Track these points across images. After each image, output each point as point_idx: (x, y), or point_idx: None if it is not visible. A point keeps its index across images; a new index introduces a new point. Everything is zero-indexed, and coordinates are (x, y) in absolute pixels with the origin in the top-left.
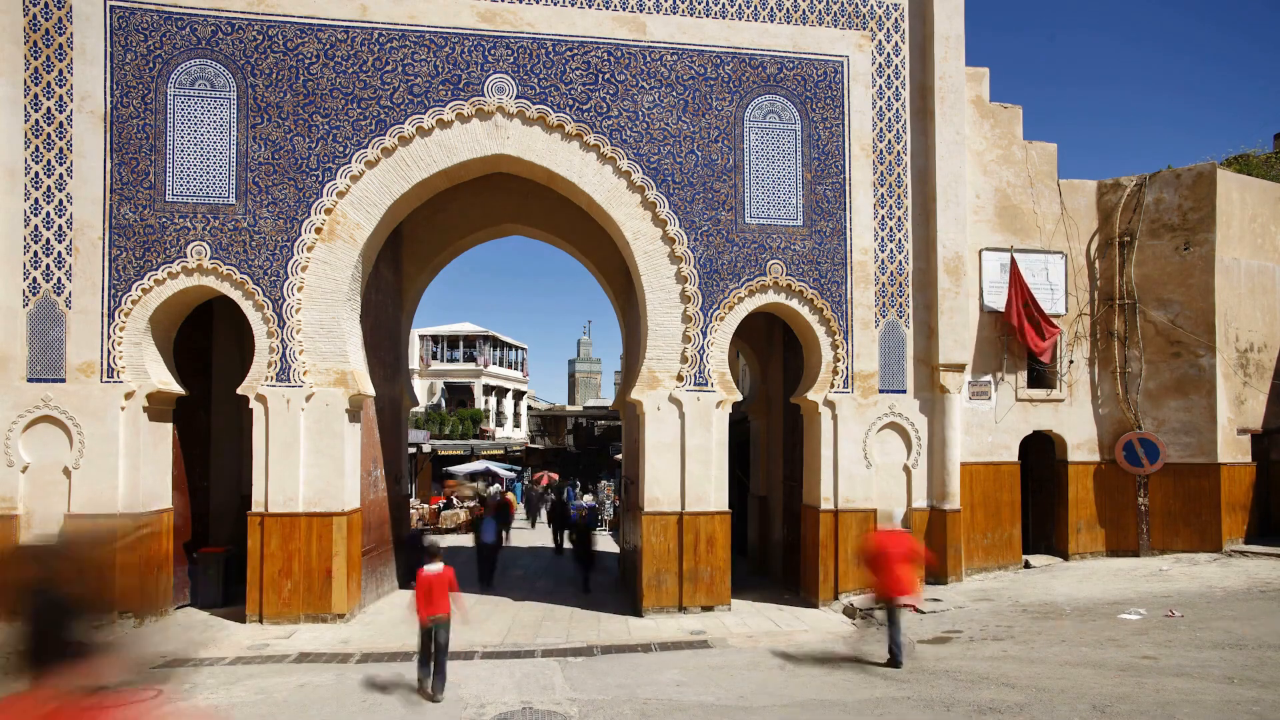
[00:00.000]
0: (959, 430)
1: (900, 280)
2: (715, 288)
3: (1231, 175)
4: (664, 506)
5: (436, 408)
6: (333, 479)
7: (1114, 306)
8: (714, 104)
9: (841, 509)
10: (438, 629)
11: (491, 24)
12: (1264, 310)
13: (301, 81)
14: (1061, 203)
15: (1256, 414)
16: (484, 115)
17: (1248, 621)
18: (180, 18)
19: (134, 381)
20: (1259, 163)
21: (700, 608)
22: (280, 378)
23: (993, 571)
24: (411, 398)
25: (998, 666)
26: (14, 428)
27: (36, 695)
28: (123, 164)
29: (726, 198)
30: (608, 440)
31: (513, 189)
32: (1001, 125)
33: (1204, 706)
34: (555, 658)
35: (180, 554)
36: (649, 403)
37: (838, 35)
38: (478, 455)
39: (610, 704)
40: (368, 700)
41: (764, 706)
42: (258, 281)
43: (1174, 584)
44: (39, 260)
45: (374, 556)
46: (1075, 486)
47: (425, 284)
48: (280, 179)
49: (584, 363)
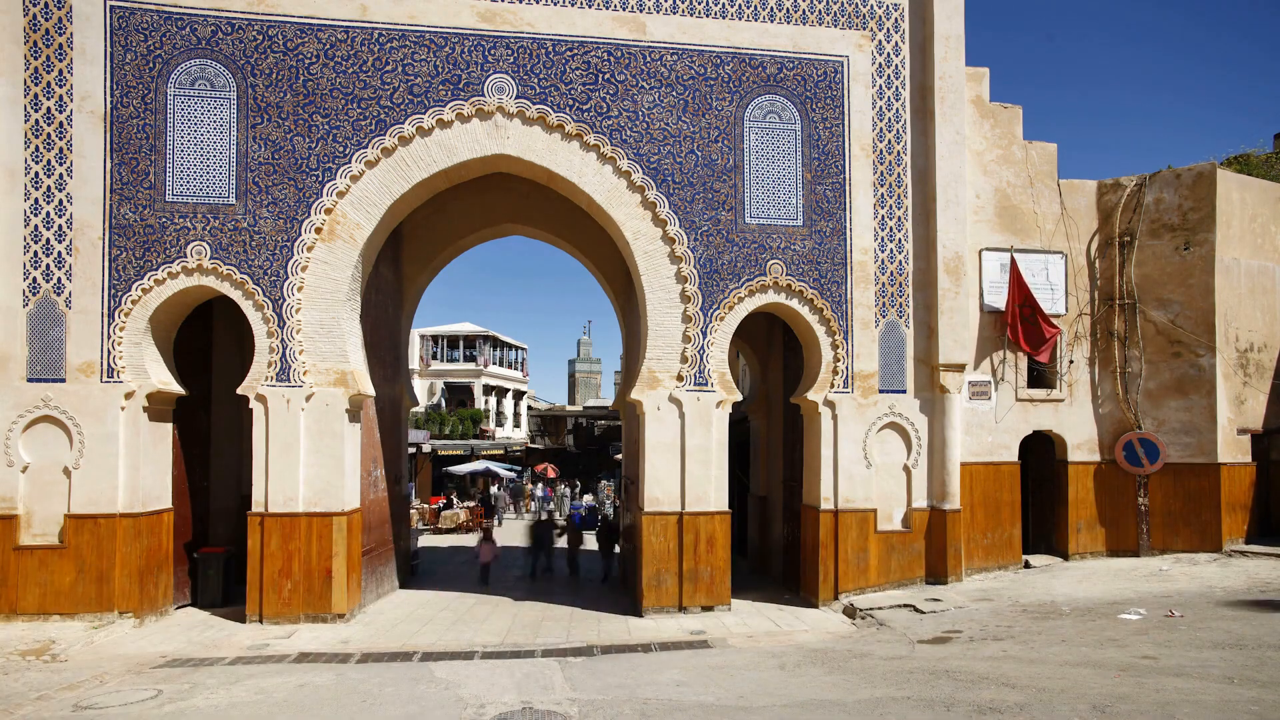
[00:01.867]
0: (959, 430)
1: (900, 280)
2: (715, 288)
3: (1231, 175)
4: (664, 506)
5: (436, 408)
6: (333, 479)
7: (1114, 306)
8: (714, 104)
9: (841, 509)
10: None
11: (491, 24)
12: (1264, 310)
13: (301, 81)
14: (1061, 203)
15: (1256, 414)
16: (484, 115)
17: (1248, 622)
18: (180, 18)
19: (134, 381)
20: (1259, 163)
21: (700, 608)
22: (280, 378)
23: (993, 571)
24: (411, 398)
25: (998, 666)
26: (14, 428)
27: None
28: (123, 164)
29: (726, 198)
30: (608, 440)
31: (513, 189)
32: (1001, 125)
33: (1204, 706)
34: (555, 658)
35: (180, 554)
36: (649, 403)
37: (838, 35)
38: (478, 455)
39: (610, 704)
40: (368, 700)
41: (764, 706)
42: (258, 281)
43: (1174, 584)
44: (39, 260)
45: (374, 556)
46: (1075, 486)
47: (425, 284)
48: (280, 179)
49: (584, 363)
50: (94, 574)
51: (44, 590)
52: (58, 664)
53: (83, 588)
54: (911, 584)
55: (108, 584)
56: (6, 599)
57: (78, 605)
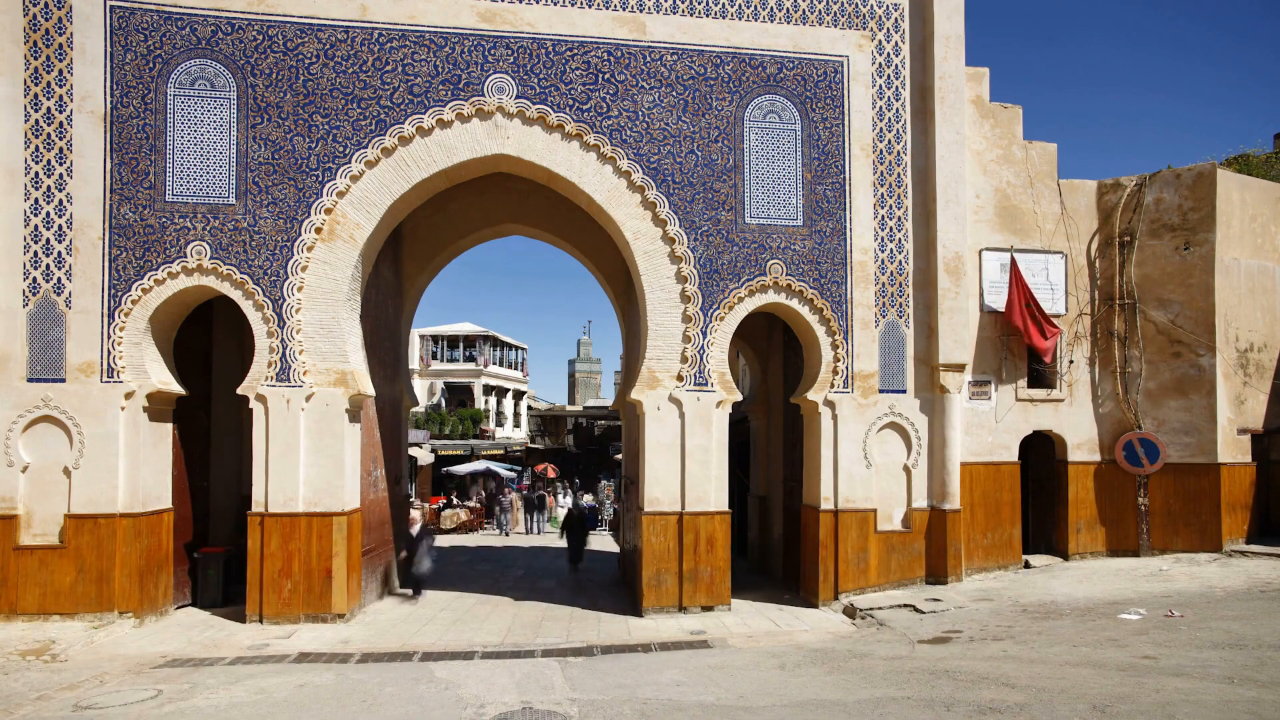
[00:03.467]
0: (959, 430)
1: (900, 280)
2: (715, 288)
3: (1231, 175)
4: (664, 506)
5: (436, 408)
6: (333, 479)
7: (1114, 306)
8: (714, 104)
9: (841, 509)
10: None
11: (491, 24)
12: (1264, 310)
13: (301, 81)
14: (1061, 203)
15: (1257, 414)
16: (484, 115)
17: (1248, 621)
18: (180, 18)
19: (134, 381)
20: (1259, 163)
21: (700, 608)
22: (280, 378)
23: (993, 571)
24: (411, 398)
25: (998, 666)
26: (14, 428)
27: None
28: (123, 164)
29: (726, 198)
30: (608, 440)
31: (513, 189)
32: (1001, 125)
33: (1204, 706)
34: (555, 657)
35: (181, 554)
36: (649, 403)
37: (838, 35)
38: (478, 455)
39: (610, 704)
40: (368, 700)
41: (764, 706)
42: (258, 281)
43: (1174, 584)
44: (39, 260)
45: (374, 556)
46: (1075, 486)
47: (425, 284)
48: (280, 179)
49: (584, 363)
50: (94, 574)
51: (44, 590)
52: (58, 664)
53: (83, 588)
54: (911, 584)
55: (108, 584)
56: (6, 599)
57: (78, 605)
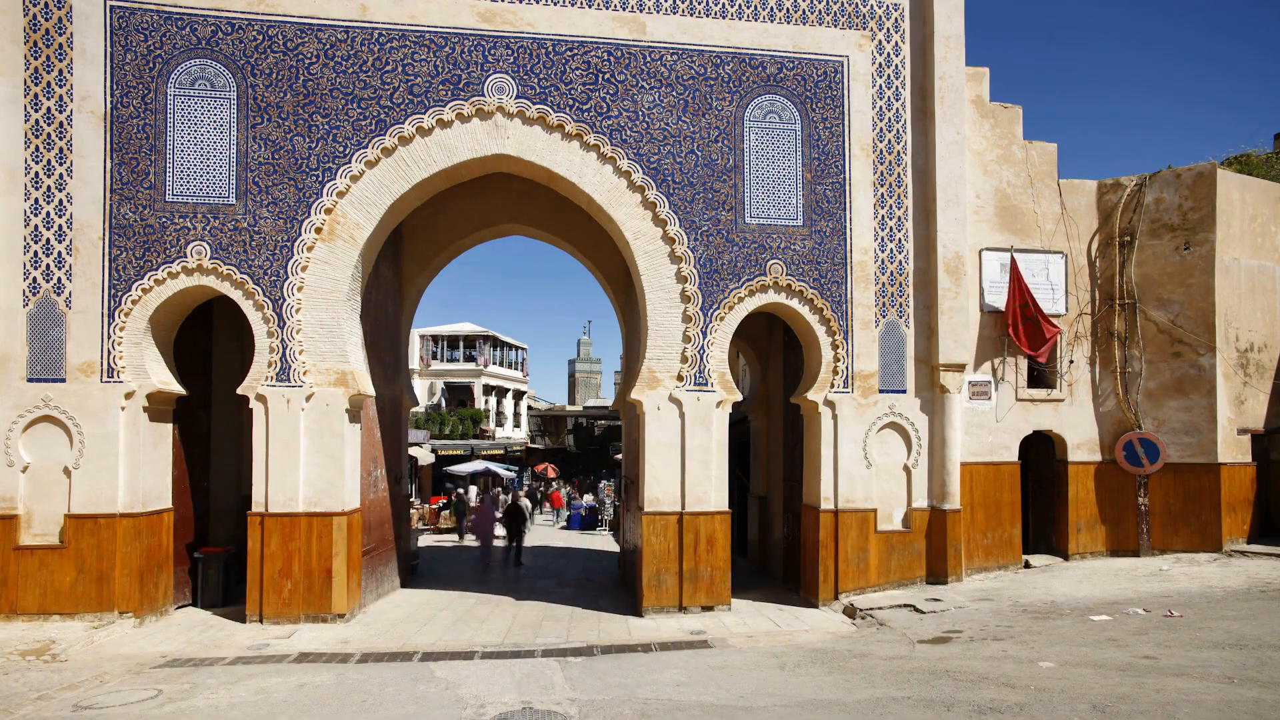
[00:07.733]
0: (959, 430)
1: (900, 280)
2: (715, 288)
3: (1231, 175)
4: (664, 506)
5: (436, 408)
6: (333, 479)
7: (1114, 306)
8: (714, 104)
9: (841, 509)
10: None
11: (491, 24)
12: (1264, 310)
13: (301, 81)
14: (1062, 202)
15: (1257, 414)
16: (484, 115)
17: (1248, 621)
18: (180, 18)
19: (134, 381)
20: (1259, 163)
21: (700, 608)
22: (280, 378)
23: (993, 571)
24: (411, 398)
25: (998, 666)
26: (14, 428)
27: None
28: (123, 164)
29: (726, 198)
30: (608, 440)
31: (513, 189)
32: (1001, 125)
33: (1204, 706)
34: (555, 657)
35: (181, 554)
36: (649, 403)
37: (838, 35)
38: (478, 455)
39: (610, 704)
40: (368, 700)
41: (764, 706)
42: (258, 281)
43: (1174, 584)
44: (39, 260)
45: (374, 556)
46: (1075, 486)
47: (425, 284)
48: (280, 179)
49: (584, 363)
50: (94, 574)
51: (44, 590)
52: (58, 664)
53: (83, 588)
54: (911, 584)
55: (108, 584)
56: (6, 599)
57: (78, 605)
